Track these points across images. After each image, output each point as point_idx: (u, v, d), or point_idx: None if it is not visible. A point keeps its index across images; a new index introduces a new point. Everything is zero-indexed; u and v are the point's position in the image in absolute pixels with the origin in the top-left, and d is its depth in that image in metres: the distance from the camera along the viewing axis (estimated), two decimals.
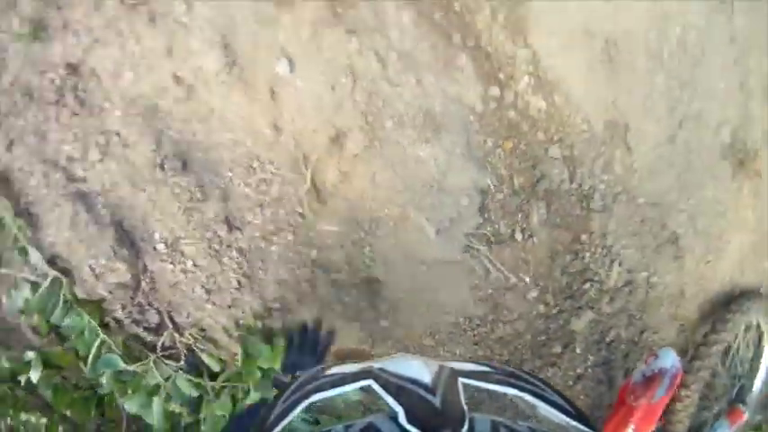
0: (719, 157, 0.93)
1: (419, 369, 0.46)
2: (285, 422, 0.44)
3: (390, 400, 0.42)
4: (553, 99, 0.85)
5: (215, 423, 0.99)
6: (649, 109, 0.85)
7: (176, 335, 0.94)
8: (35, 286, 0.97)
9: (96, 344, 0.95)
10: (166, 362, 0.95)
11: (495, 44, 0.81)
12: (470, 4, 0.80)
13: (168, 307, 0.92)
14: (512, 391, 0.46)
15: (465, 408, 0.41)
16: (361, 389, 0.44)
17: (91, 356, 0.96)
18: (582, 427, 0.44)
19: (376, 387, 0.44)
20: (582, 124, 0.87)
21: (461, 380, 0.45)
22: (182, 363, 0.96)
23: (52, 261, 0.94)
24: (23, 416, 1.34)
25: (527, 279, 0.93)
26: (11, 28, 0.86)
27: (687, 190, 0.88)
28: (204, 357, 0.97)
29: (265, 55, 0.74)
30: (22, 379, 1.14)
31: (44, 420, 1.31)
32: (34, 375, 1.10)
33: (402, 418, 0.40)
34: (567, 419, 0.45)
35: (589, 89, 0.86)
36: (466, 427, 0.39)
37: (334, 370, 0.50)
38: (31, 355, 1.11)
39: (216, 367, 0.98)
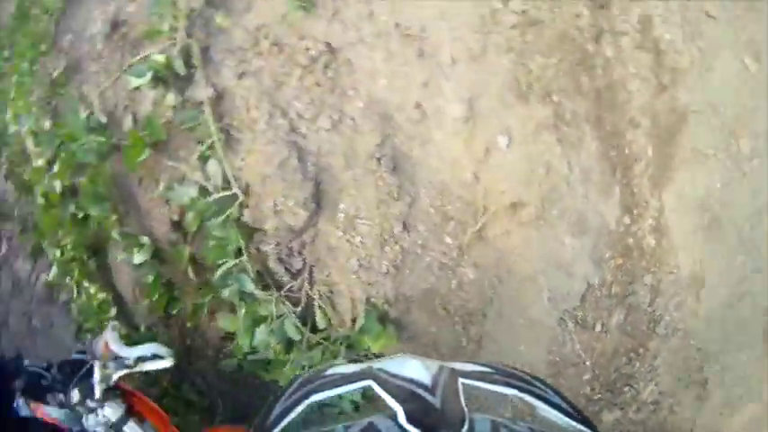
0: (761, 333, 1.39)
1: (419, 369, 0.53)
2: (285, 422, 0.51)
3: (390, 400, 0.48)
4: (661, 242, 1.31)
5: (296, 368, 1.30)
6: (725, 277, 1.32)
7: (307, 285, 1.26)
8: (203, 191, 1.29)
9: (235, 261, 1.27)
10: (285, 302, 1.27)
11: (640, 188, 1.27)
12: (635, 153, 1.27)
13: (315, 261, 1.25)
14: (512, 392, 0.53)
15: (465, 408, 0.47)
16: (363, 389, 0.50)
17: (223, 269, 1.25)
18: (582, 427, 0.51)
19: (376, 387, 0.50)
20: (673, 268, 1.32)
21: (461, 380, 0.52)
22: (297, 309, 1.29)
23: (227, 180, 1.28)
24: (86, 283, 1.60)
25: (588, 363, 1.34)
26: None
27: (728, 348, 1.30)
28: (318, 312, 1.29)
29: (492, 126, 1.15)
30: (120, 256, 1.43)
31: (102, 295, 1.58)
32: (139, 258, 1.39)
33: (402, 418, 0.45)
34: (568, 420, 0.51)
35: (688, 245, 1.32)
36: (466, 427, 0.45)
37: (335, 370, 0.57)
38: (146, 240, 1.41)
39: (322, 325, 1.29)
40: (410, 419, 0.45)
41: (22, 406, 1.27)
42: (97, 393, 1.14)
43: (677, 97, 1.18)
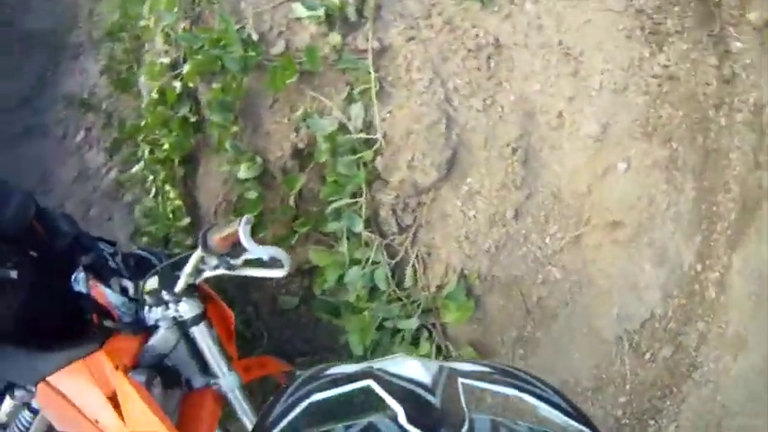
0: None
1: (419, 369, 0.57)
2: (285, 422, 0.54)
3: (390, 399, 0.51)
4: (720, 297, 1.57)
5: (372, 318, 1.47)
6: (764, 345, 1.58)
7: (409, 243, 1.46)
8: (343, 129, 1.47)
9: (351, 201, 1.45)
10: (383, 252, 1.46)
11: (716, 243, 1.54)
12: (721, 213, 1.54)
13: (424, 222, 1.45)
14: (512, 392, 0.56)
15: (465, 408, 0.51)
16: (362, 389, 0.54)
17: (336, 205, 1.45)
18: (583, 427, 0.53)
19: (376, 387, 0.54)
20: (723, 323, 1.58)
21: (461, 380, 0.55)
22: (392, 262, 1.47)
23: (367, 125, 1.46)
24: (167, 187, 1.74)
25: (628, 386, 1.57)
26: None
27: (747, 412, 1.55)
28: (408, 270, 1.48)
29: (616, 152, 1.42)
30: (223, 167, 1.59)
31: (178, 203, 1.72)
32: (246, 173, 1.55)
33: (402, 418, 0.48)
34: (567, 420, 0.54)
35: (740, 307, 1.58)
36: (466, 426, 0.47)
37: (335, 370, 0.62)
38: (260, 160, 1.58)
39: (408, 283, 1.48)
40: (410, 419, 0.48)
41: (81, 280, 1.37)
42: (180, 286, 1.22)
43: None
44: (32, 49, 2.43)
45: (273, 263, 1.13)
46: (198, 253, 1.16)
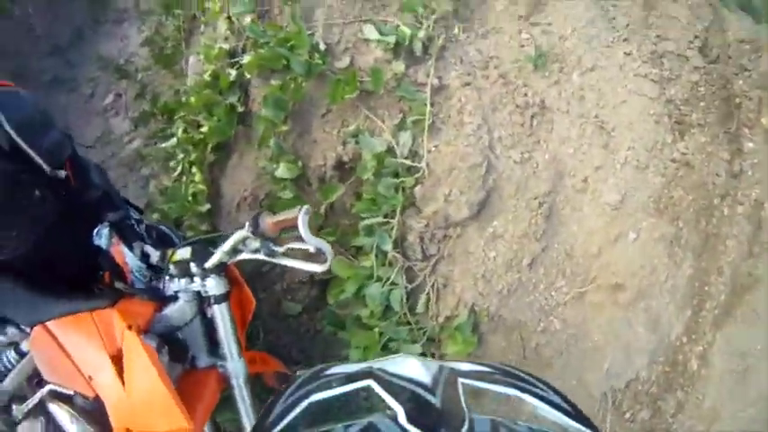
0: None
1: (419, 369, 0.61)
2: (285, 422, 0.57)
3: (390, 399, 0.55)
4: (701, 370, 1.82)
5: (380, 336, 1.65)
6: (735, 420, 1.84)
7: (429, 271, 1.67)
8: (390, 152, 1.67)
9: (384, 220, 1.64)
10: (403, 274, 1.66)
11: (704, 320, 1.81)
12: (712, 293, 1.83)
13: (447, 255, 1.67)
14: (512, 392, 0.60)
15: (465, 408, 0.55)
16: (362, 389, 0.58)
17: (370, 222, 1.64)
18: (582, 427, 0.57)
19: (376, 387, 0.58)
20: (700, 395, 1.82)
21: (461, 380, 0.59)
22: (409, 286, 1.67)
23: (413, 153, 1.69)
24: (194, 169, 1.90)
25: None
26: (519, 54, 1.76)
27: None
28: (422, 297, 1.68)
29: (629, 221, 1.68)
30: (261, 163, 1.78)
31: (202, 187, 1.88)
32: (285, 173, 1.74)
33: (402, 418, 0.52)
34: (567, 420, 0.58)
35: (719, 382, 1.86)
36: (466, 426, 0.52)
37: (335, 370, 0.66)
38: (300, 164, 1.78)
39: (420, 309, 1.69)
40: (410, 419, 0.52)
41: (104, 235, 1.47)
42: (212, 261, 1.30)
43: (758, 267, 1.77)
44: (73, 3, 2.56)
45: (315, 258, 1.18)
46: (242, 232, 1.22)
